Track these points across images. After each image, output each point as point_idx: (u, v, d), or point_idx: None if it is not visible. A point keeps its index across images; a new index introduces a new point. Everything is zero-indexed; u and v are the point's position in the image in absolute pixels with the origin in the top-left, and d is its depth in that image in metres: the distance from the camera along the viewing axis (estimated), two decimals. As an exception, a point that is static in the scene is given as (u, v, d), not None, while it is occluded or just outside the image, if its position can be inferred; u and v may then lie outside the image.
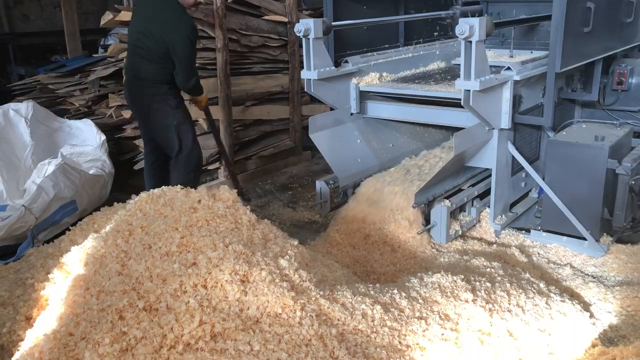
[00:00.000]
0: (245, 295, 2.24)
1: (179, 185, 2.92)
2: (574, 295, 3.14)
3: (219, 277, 2.27)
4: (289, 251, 2.68)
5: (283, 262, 2.46)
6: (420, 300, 2.54)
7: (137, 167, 5.14)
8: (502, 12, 5.00)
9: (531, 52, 4.56)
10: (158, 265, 2.28)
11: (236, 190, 3.00)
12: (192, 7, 4.18)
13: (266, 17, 5.40)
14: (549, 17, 3.52)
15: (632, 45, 4.65)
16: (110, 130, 5.25)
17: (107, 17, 5.10)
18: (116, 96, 5.28)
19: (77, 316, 2.10)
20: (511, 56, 4.50)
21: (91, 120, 5.07)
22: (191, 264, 2.32)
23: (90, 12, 8.79)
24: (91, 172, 4.55)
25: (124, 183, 5.02)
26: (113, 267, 2.27)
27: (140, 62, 3.98)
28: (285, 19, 5.45)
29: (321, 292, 2.37)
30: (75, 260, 2.35)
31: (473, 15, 4.81)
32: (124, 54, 5.00)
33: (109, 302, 2.15)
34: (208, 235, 2.45)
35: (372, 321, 2.35)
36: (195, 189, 2.92)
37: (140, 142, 5.12)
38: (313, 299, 2.33)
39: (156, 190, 2.77)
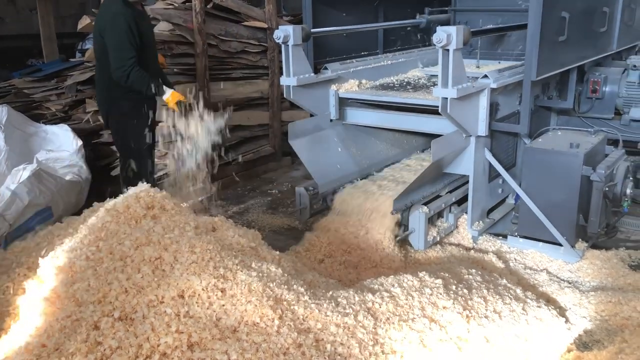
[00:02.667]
0: (223, 305, 2.22)
1: (153, 189, 2.88)
2: (550, 301, 3.17)
3: (196, 286, 2.25)
4: (268, 259, 2.67)
5: (262, 270, 2.45)
6: (399, 307, 2.55)
7: (114, 173, 5.07)
8: (470, 21, 4.98)
9: (499, 62, 4.60)
10: (134, 275, 2.25)
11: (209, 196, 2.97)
12: (136, 2, 3.90)
13: (246, 23, 5.39)
14: (524, 26, 3.57)
15: (606, 54, 4.74)
16: (88, 135, 5.18)
17: (85, 21, 5.04)
18: (93, 101, 5.20)
19: (51, 327, 2.07)
20: (478, 67, 4.47)
21: (68, 125, 4.99)
22: (168, 272, 2.30)
23: (68, 15, 8.69)
24: (67, 178, 4.48)
25: (101, 189, 4.95)
26: (88, 277, 2.24)
27: (97, 66, 3.97)
28: (265, 25, 5.45)
29: (300, 300, 2.36)
30: (48, 269, 2.31)
31: (441, 24, 4.91)
32: (102, 59, 4.96)
33: (83, 312, 2.12)
34: (185, 243, 2.43)
35: (351, 328, 2.35)
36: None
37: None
38: (292, 307, 2.32)
39: (130, 195, 2.73)
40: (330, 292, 2.53)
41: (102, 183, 5.05)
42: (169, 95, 3.89)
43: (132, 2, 3.82)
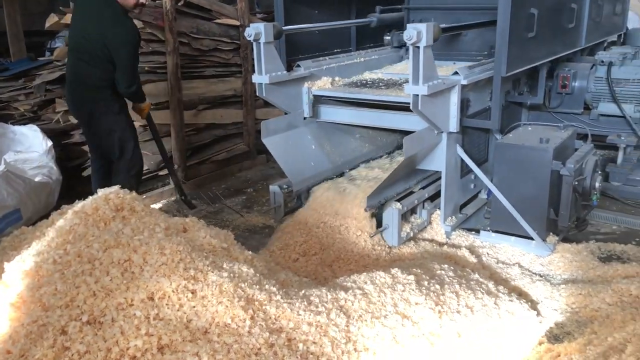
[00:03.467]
0: (194, 306, 2.20)
1: (123, 190, 2.84)
2: (522, 294, 3.21)
3: (166, 288, 2.22)
4: (240, 259, 2.65)
5: (234, 271, 2.44)
6: (371, 304, 2.55)
7: (85, 173, 5.00)
8: (424, 19, 4.82)
9: (454, 64, 4.51)
10: (102, 278, 2.22)
11: (181, 198, 2.97)
12: (133, 9, 3.97)
13: (218, 21, 5.34)
14: (493, 23, 3.60)
15: (575, 50, 4.81)
16: (58, 135, 5.10)
17: (52, 19, 4.96)
18: (63, 101, 5.13)
19: (16, 333, 2.02)
20: None
21: (37, 125, 4.91)
22: (137, 275, 2.27)
23: (36, 12, 8.50)
24: (37, 179, 4.40)
25: (72, 190, 4.87)
26: (55, 280, 2.20)
27: (81, 66, 3.89)
28: (238, 23, 5.41)
29: (272, 300, 2.35)
30: (14, 274, 2.26)
31: (392, 23, 4.89)
32: (70, 58, 4.87)
33: (50, 317, 2.08)
34: (155, 245, 2.40)
35: (323, 326, 2.35)
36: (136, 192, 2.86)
37: (88, 148, 4.99)
38: (264, 307, 2.31)
39: (99, 197, 2.69)
40: (303, 291, 2.52)
41: (73, 183, 4.98)
42: (147, 104, 4.27)
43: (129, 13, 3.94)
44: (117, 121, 4.01)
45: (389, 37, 4.87)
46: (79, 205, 2.64)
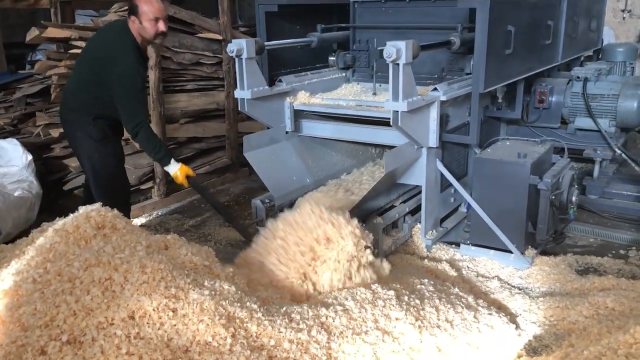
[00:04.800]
0: (175, 325, 2.21)
1: (104, 207, 2.83)
2: (501, 308, 3.25)
3: (147, 306, 2.23)
4: (222, 276, 2.66)
5: (215, 288, 2.44)
6: (352, 320, 2.58)
7: (66, 187, 4.98)
8: (371, 39, 4.51)
9: None
10: (83, 297, 2.22)
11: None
12: (154, 39, 3.68)
13: (200, 35, 5.36)
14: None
15: (552, 66, 4.91)
16: (38, 149, 5.07)
17: (33, 33, 4.93)
18: (44, 114, 5.10)
19: (-6, 354, 2.02)
20: (374, 93, 4.18)
21: (17, 139, 4.87)
22: (118, 293, 2.27)
23: (17, 24, 8.45)
24: (16, 193, 4.37)
25: (52, 204, 4.85)
26: (34, 300, 2.19)
27: (72, 87, 3.84)
28: (220, 37, 5.43)
29: (253, 317, 2.36)
30: (-8, 293, 2.25)
31: (336, 42, 4.59)
32: (52, 71, 4.86)
33: (29, 337, 2.07)
34: (136, 263, 2.40)
35: (304, 343, 2.36)
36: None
37: (69, 162, 4.97)
38: (245, 324, 2.32)
39: (80, 214, 2.68)
40: (284, 308, 2.54)
41: (54, 197, 4.94)
42: (178, 170, 3.78)
43: (140, 48, 3.68)
44: (95, 148, 3.77)
45: (333, 58, 4.60)
46: (59, 223, 2.64)
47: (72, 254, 2.41)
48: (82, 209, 2.75)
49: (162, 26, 3.61)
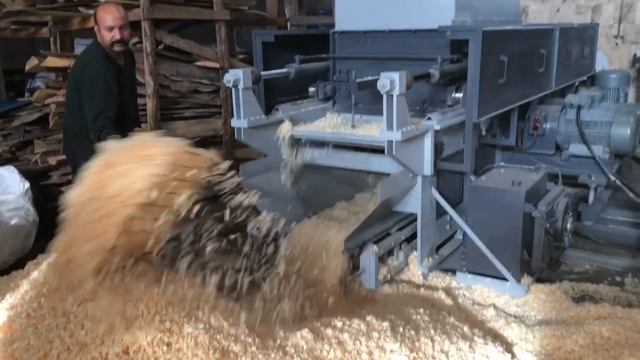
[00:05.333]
0: (169, 359, 2.21)
1: None
2: (497, 336, 3.24)
3: (142, 341, 2.23)
4: (218, 308, 2.66)
5: (210, 322, 2.44)
6: (347, 353, 2.57)
7: (64, 215, 4.98)
8: (352, 69, 4.34)
9: None
10: (77, 332, 2.22)
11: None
12: (111, 47, 3.79)
13: (198, 63, 5.43)
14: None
15: (545, 93, 4.96)
16: (36, 176, 5.10)
17: (33, 62, 5.01)
18: (42, 142, 5.15)
19: (-13, 391, 2.01)
20: (353, 126, 4.01)
21: (14, 167, 4.90)
22: (112, 327, 2.27)
23: (17, 52, 8.55)
24: (13, 222, 4.38)
25: (49, 232, 4.83)
26: (28, 335, 2.19)
27: (67, 113, 3.88)
28: (218, 65, 5.50)
29: (247, 351, 2.36)
30: (-14, 328, 2.25)
31: (315, 73, 4.45)
32: (50, 100, 4.91)
33: (22, 373, 2.07)
34: (129, 295, 2.40)
35: (299, 377, 2.36)
36: None
37: (67, 189, 4.98)
38: (239, 358, 2.31)
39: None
40: (279, 341, 2.53)
41: (50, 225, 4.94)
42: None
43: (111, 56, 3.74)
44: None
45: (313, 89, 4.48)
46: (54, 256, 2.64)
47: (66, 288, 2.41)
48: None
49: (117, 34, 3.69)
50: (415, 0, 4.03)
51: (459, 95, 3.91)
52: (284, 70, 4.20)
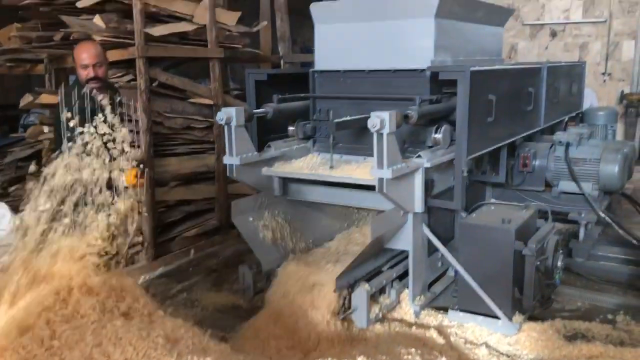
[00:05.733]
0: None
1: None
2: (489, 376, 3.23)
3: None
4: (208, 348, 2.63)
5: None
6: (337, 395, 2.55)
7: (54, 251, 4.96)
8: (332, 108, 4.29)
9: (364, 159, 4.05)
10: None
11: None
12: (85, 84, 3.84)
13: (192, 100, 5.49)
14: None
15: (534, 130, 5.03)
16: (27, 213, 5.08)
17: (27, 99, 5.05)
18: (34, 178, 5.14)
19: None
20: (331, 167, 3.94)
21: (5, 203, 4.89)
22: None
23: (12, 87, 8.61)
24: (2, 259, 4.34)
25: (39, 268, 4.80)
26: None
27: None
28: (211, 102, 5.56)
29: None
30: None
31: (295, 112, 4.40)
32: (43, 136, 4.94)
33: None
34: (119, 337, 2.38)
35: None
36: None
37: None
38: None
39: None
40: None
41: (40, 262, 4.91)
42: None
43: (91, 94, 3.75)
44: None
45: (292, 128, 4.42)
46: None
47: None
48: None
49: (91, 72, 3.76)
50: (394, 40, 4.05)
51: (439, 136, 3.86)
52: (261, 110, 4.15)
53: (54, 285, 2.66)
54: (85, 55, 3.73)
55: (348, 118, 3.91)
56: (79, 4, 4.90)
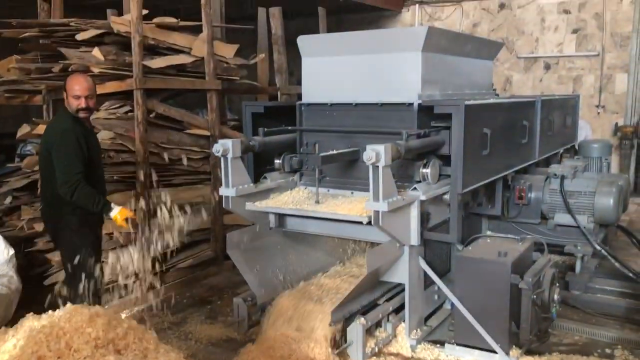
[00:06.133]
0: None
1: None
2: (486, 413, 3.17)
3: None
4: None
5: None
6: None
7: (47, 282, 4.92)
8: (319, 142, 4.26)
9: (351, 193, 4.09)
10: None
11: None
12: (76, 113, 3.83)
13: (188, 131, 5.51)
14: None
15: (529, 163, 5.06)
16: (21, 243, 5.05)
17: (24, 129, 5.07)
18: (29, 208, 5.12)
19: None
20: (317, 201, 3.93)
21: (0, 234, 4.86)
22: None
23: (10, 116, 8.65)
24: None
25: (31, 299, 4.75)
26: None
27: (43, 182, 3.91)
28: (208, 133, 5.58)
29: None
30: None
31: (282, 145, 4.38)
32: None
33: None
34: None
35: None
36: None
37: (52, 256, 4.94)
38: None
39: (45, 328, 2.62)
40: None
41: (33, 292, 4.86)
42: (117, 212, 3.78)
43: (80, 119, 3.84)
44: (72, 238, 3.84)
45: (279, 161, 4.36)
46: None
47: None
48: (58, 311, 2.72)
49: (82, 103, 3.80)
50: (381, 74, 4.07)
51: (427, 170, 3.84)
52: (249, 142, 4.11)
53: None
54: (77, 87, 3.80)
55: (334, 152, 3.93)
56: (78, 37, 4.95)
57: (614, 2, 9.73)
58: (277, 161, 4.39)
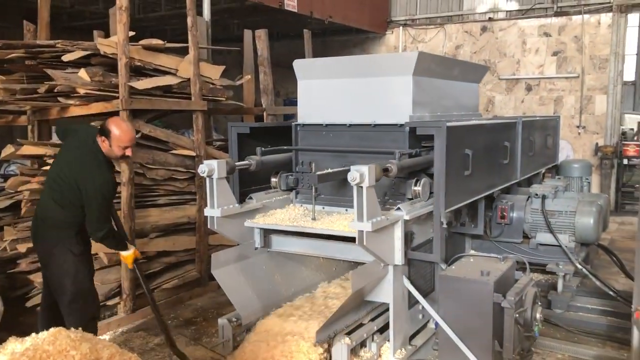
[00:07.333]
0: None
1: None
2: None
3: None
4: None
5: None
6: None
7: (29, 304, 4.87)
8: (315, 160, 4.32)
9: (346, 211, 4.18)
10: None
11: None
12: (118, 159, 4.13)
13: (174, 152, 5.52)
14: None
15: (511, 183, 5.14)
16: (3, 264, 5.01)
17: (9, 150, 5.05)
18: (12, 229, 5.09)
19: None
20: (313, 218, 4.01)
21: (-17, 255, 4.83)
22: None
23: (-6, 136, 8.60)
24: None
25: (13, 321, 4.70)
26: None
27: (50, 204, 3.88)
28: (194, 153, 5.60)
29: None
30: None
31: (278, 164, 4.48)
32: (24, 187, 4.91)
33: None
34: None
35: None
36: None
37: (35, 277, 4.90)
38: None
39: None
40: None
41: (15, 314, 4.81)
42: (130, 253, 4.15)
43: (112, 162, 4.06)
44: (74, 263, 3.89)
45: (275, 180, 4.46)
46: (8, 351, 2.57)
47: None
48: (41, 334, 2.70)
49: (128, 152, 3.98)
50: (374, 96, 4.21)
51: (418, 188, 3.93)
52: (244, 162, 4.21)
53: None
54: (126, 139, 3.91)
55: (330, 170, 4.00)
56: (64, 58, 4.97)
57: (592, 26, 9.99)
58: (273, 179, 4.49)
